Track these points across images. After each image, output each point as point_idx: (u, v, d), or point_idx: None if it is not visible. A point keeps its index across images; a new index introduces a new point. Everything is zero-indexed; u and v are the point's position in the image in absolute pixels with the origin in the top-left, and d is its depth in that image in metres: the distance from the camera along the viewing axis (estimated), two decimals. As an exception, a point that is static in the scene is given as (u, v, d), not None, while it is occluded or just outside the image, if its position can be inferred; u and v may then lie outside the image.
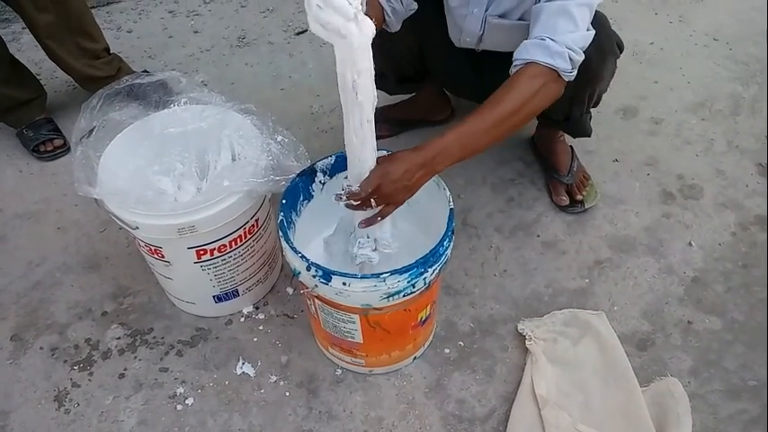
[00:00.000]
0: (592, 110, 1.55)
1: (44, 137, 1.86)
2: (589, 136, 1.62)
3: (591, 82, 1.20)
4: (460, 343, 1.41)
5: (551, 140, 1.69)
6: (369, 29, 0.92)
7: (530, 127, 1.83)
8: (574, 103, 1.28)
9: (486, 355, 1.38)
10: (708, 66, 2.11)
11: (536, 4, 1.21)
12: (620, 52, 1.41)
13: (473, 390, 1.33)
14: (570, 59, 1.16)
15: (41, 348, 1.43)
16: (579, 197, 1.64)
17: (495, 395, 1.32)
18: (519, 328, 1.41)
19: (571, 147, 1.72)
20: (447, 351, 1.39)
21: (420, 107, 1.85)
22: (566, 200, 1.64)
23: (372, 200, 1.07)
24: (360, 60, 0.92)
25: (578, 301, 1.47)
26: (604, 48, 1.20)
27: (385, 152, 1.15)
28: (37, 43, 1.84)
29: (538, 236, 1.61)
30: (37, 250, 1.63)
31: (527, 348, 1.37)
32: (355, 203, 1.08)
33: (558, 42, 1.14)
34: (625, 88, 2.02)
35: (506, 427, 1.26)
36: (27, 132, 1.87)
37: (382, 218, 1.12)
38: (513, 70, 1.18)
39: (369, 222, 1.13)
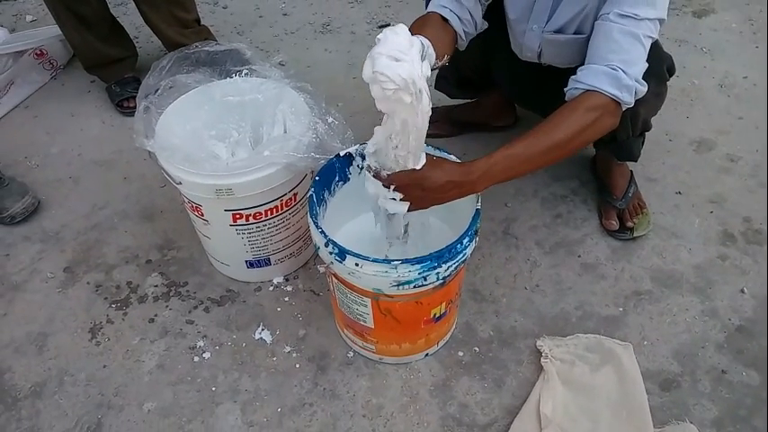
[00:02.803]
0: (645, 134, 1.49)
1: (129, 93, 2.00)
2: (635, 160, 1.56)
3: (633, 104, 1.16)
4: (476, 348, 1.39)
5: (610, 162, 1.63)
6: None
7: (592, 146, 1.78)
8: (617, 125, 1.24)
9: (499, 365, 1.36)
10: (804, 108, 1.96)
11: (600, 19, 1.17)
12: (670, 76, 1.35)
13: (478, 397, 1.31)
14: (635, 93, 1.14)
15: (88, 283, 1.54)
16: (630, 224, 1.57)
17: (500, 406, 1.30)
18: (537, 344, 1.37)
19: (631, 172, 1.66)
20: (461, 354, 1.38)
21: (483, 111, 1.83)
22: (615, 224, 1.58)
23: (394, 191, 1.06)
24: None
25: (607, 329, 1.41)
26: (650, 70, 1.16)
27: (430, 149, 1.15)
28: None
29: (579, 256, 1.56)
30: (103, 195, 1.76)
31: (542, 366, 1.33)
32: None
33: (629, 75, 1.12)
34: (705, 120, 1.91)
35: (504, 439, 1.24)
36: (115, 88, 2.02)
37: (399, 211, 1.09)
38: (573, 92, 1.15)
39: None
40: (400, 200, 1.07)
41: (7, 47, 2.08)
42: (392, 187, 1.06)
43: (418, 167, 1.05)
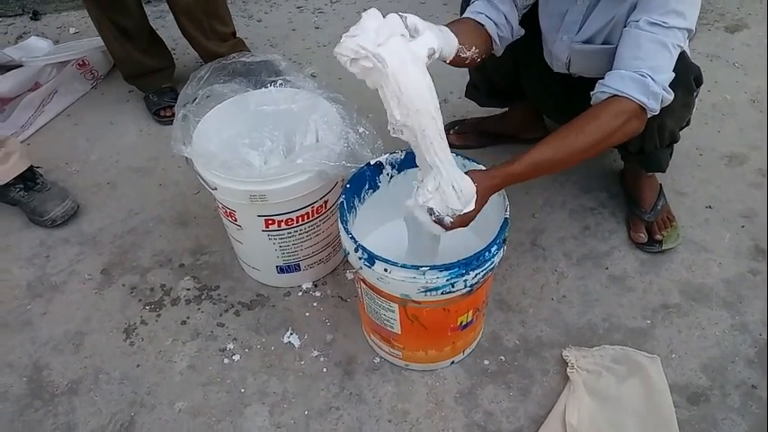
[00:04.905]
0: (674, 146, 1.49)
1: (165, 103, 2.06)
2: (664, 171, 1.56)
3: (659, 114, 1.17)
4: (502, 357, 1.40)
5: (638, 175, 1.63)
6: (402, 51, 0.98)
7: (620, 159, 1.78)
8: (644, 135, 1.25)
9: (525, 375, 1.37)
10: (839, 124, 1.93)
11: (629, 26, 1.19)
12: (697, 87, 1.35)
13: (504, 405, 1.32)
14: (662, 100, 1.15)
15: (123, 285, 1.59)
16: (658, 237, 1.57)
17: (526, 415, 1.30)
18: (564, 354, 1.37)
19: (660, 185, 1.65)
20: (486, 362, 1.39)
21: (511, 123, 1.85)
22: (644, 237, 1.58)
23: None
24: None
25: (634, 341, 1.41)
26: (677, 80, 1.17)
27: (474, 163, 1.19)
28: (179, 22, 2.04)
29: (606, 268, 1.56)
30: (139, 200, 1.81)
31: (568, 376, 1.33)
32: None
33: (657, 82, 1.13)
34: (737, 135, 1.90)
35: (529, 448, 1.24)
36: (152, 97, 2.08)
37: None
38: (600, 96, 1.17)
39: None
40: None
41: (51, 57, 2.17)
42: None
43: (473, 208, 1.09)
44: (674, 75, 1.16)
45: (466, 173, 1.10)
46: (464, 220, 1.09)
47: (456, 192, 1.06)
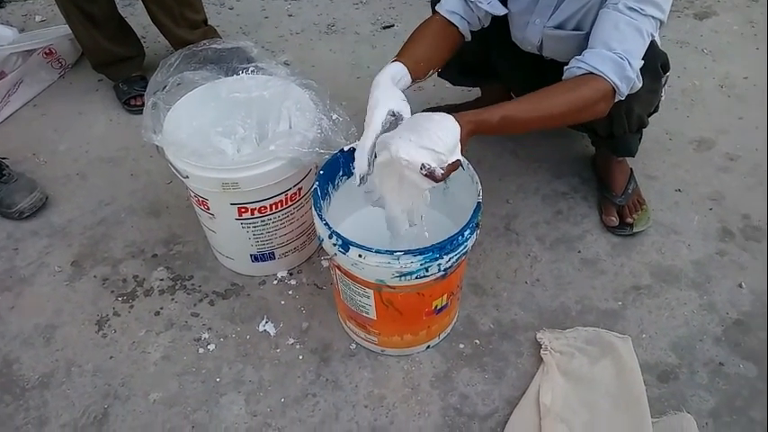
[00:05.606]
0: (644, 131, 1.51)
1: (135, 92, 2.03)
2: (633, 156, 1.59)
3: (627, 99, 1.19)
4: (476, 341, 1.41)
5: (609, 159, 1.65)
6: None
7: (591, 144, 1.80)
8: (613, 120, 1.27)
9: (499, 357, 1.38)
10: (803, 108, 1.98)
11: (607, 7, 1.20)
12: (664, 73, 1.37)
13: (479, 388, 1.33)
14: (632, 87, 1.16)
15: (95, 277, 1.57)
16: (629, 220, 1.59)
17: (501, 397, 1.32)
18: (537, 336, 1.39)
19: (631, 169, 1.68)
20: (462, 346, 1.40)
21: (484, 109, 1.85)
22: (615, 221, 1.60)
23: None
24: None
25: (606, 323, 1.43)
26: (645, 66, 1.19)
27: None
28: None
29: (579, 252, 1.58)
30: (109, 191, 1.78)
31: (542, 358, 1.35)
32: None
33: (632, 67, 1.15)
34: (706, 119, 1.93)
35: (504, 429, 1.26)
36: (122, 86, 2.05)
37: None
38: (575, 71, 1.17)
39: None
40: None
41: (17, 46, 2.12)
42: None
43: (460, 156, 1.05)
44: (643, 62, 1.18)
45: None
46: (453, 168, 1.04)
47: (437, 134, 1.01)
